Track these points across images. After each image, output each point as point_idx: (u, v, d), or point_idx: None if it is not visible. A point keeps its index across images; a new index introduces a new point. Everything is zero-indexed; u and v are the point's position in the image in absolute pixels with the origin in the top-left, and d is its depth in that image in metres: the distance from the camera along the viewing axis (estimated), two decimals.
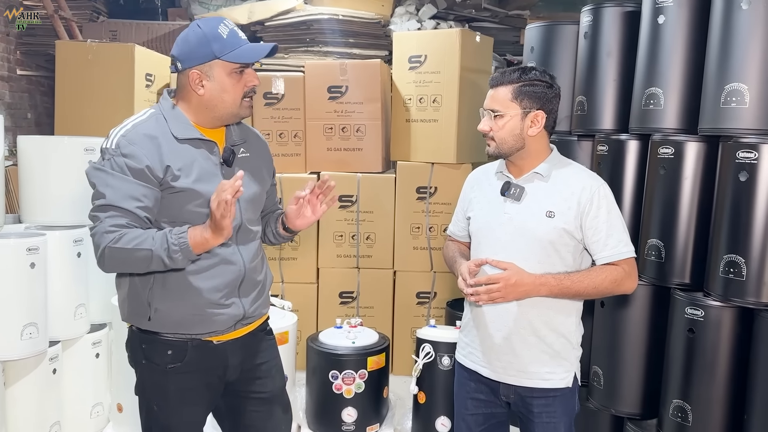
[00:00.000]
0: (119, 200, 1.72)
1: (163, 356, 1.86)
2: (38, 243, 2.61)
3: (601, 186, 1.98)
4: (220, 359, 1.92)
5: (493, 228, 2.01)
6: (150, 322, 1.85)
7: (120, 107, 3.54)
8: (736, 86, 2.15)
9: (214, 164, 1.85)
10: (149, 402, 1.93)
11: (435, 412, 2.98)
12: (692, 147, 2.34)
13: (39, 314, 2.62)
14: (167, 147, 1.78)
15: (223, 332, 1.90)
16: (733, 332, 2.22)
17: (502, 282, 1.89)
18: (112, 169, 1.74)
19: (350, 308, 3.91)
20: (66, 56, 3.57)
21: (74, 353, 2.96)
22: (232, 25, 1.82)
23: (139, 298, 1.85)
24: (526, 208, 1.97)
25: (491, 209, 2.04)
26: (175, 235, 1.70)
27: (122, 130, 1.79)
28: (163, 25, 4.63)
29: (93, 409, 3.04)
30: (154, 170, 1.75)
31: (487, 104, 1.99)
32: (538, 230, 1.94)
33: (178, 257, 1.70)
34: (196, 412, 1.94)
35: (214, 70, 1.80)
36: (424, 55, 3.75)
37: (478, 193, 2.13)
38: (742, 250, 2.15)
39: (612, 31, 2.66)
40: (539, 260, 1.95)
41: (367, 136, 3.83)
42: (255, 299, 1.96)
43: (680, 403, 2.31)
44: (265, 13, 4.53)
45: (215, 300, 1.85)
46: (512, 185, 2.00)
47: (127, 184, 1.73)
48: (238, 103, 1.84)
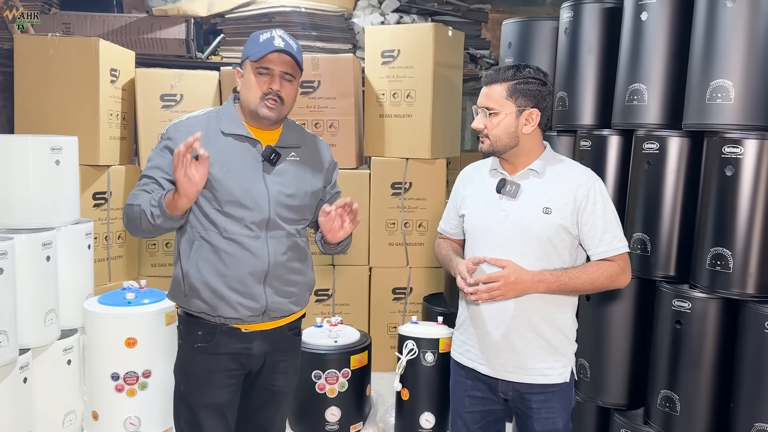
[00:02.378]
0: (149, 170, 1.98)
1: (194, 336, 2.03)
2: (6, 247, 2.48)
3: (597, 182, 2.00)
4: (246, 346, 2.04)
5: (489, 225, 2.01)
6: (186, 298, 2.02)
7: (83, 103, 3.42)
8: (721, 82, 2.20)
9: (255, 161, 2.00)
10: (179, 382, 2.09)
11: (419, 408, 2.99)
12: (676, 142, 2.39)
13: (8, 322, 2.50)
14: (209, 137, 1.96)
15: (248, 321, 2.01)
16: (720, 323, 2.28)
17: (502, 280, 1.89)
18: (157, 148, 2.01)
19: (326, 306, 3.87)
20: (25, 50, 3.39)
21: (45, 360, 2.84)
22: (277, 34, 1.97)
23: (177, 279, 2.03)
24: (522, 205, 1.98)
25: (487, 207, 2.03)
26: (157, 194, 1.90)
27: (177, 120, 2.04)
28: (119, 18, 4.46)
29: (66, 417, 2.93)
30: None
31: (482, 102, 1.99)
32: (535, 227, 1.95)
33: (157, 212, 1.87)
34: (218, 395, 2.04)
35: (246, 68, 2.00)
36: (397, 49, 3.73)
37: (471, 190, 2.12)
38: (728, 243, 2.20)
39: (592, 27, 2.69)
40: (537, 257, 1.96)
41: (341, 132, 3.78)
42: (283, 295, 2.05)
43: (668, 393, 2.37)
44: (225, 5, 4.43)
45: (237, 286, 1.97)
46: (508, 182, 2.00)
47: (161, 159, 1.98)
48: (258, 102, 1.97)
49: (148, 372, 2.80)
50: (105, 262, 3.60)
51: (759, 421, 2.13)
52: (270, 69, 1.96)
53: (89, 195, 3.48)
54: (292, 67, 1.99)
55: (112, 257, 3.64)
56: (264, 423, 2.21)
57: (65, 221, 2.95)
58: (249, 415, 2.17)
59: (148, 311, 2.81)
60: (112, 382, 2.78)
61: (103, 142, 3.49)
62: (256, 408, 2.17)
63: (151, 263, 3.90)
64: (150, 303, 2.84)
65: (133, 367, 2.78)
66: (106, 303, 2.85)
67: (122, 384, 2.77)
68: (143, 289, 2.94)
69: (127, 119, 3.78)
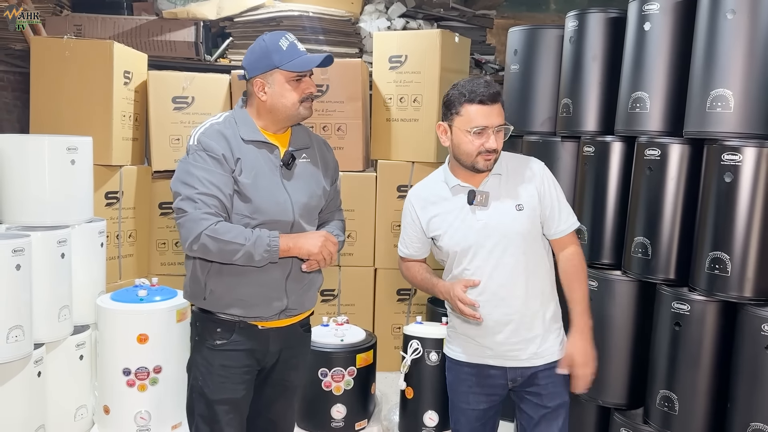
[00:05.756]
0: (208, 189, 1.93)
1: (213, 333, 2.07)
2: (23, 244, 2.55)
3: (543, 165, 2.13)
4: (262, 343, 2.11)
5: (472, 240, 2.06)
6: (205, 301, 2.06)
7: (97, 104, 3.48)
8: (721, 92, 2.26)
9: (274, 166, 2.06)
10: (195, 378, 2.12)
11: (423, 406, 3.04)
12: (677, 149, 2.45)
13: (24, 317, 2.56)
14: (235, 143, 2.01)
15: (267, 319, 2.09)
16: (718, 325, 2.34)
17: (587, 366, 2.09)
18: (196, 162, 1.97)
19: (332, 306, 3.94)
20: (41, 52, 3.46)
21: (58, 355, 2.90)
22: (292, 38, 2.04)
23: (198, 280, 2.06)
24: (495, 209, 2.06)
25: (463, 222, 2.07)
26: (268, 237, 1.94)
27: (201, 128, 2.03)
28: (130, 20, 4.53)
29: (77, 411, 2.99)
30: (228, 159, 1.98)
31: (496, 121, 1.99)
32: (515, 225, 2.04)
33: (266, 256, 1.94)
34: (236, 390, 2.10)
35: (275, 78, 2.02)
36: (404, 55, 3.80)
37: (436, 210, 2.12)
38: (726, 247, 2.27)
39: (597, 36, 2.76)
40: (524, 251, 2.05)
41: (348, 135, 3.85)
42: (300, 294, 2.13)
43: (667, 393, 2.43)
44: (234, 8, 4.49)
45: (262, 290, 2.04)
46: (477, 193, 2.06)
47: (211, 174, 1.95)
48: (297, 106, 2.04)
49: (159, 368, 2.86)
50: (116, 260, 3.66)
51: (755, 420, 2.19)
52: (303, 74, 2.03)
53: (101, 194, 3.54)
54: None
55: (123, 256, 3.71)
56: (275, 418, 2.28)
57: (79, 220, 3.01)
58: (260, 411, 2.23)
59: (160, 308, 2.88)
60: (124, 377, 2.84)
61: (116, 143, 3.55)
62: (268, 403, 2.24)
63: (161, 262, 3.97)
64: (162, 300, 2.91)
65: (144, 363, 2.84)
66: (118, 300, 2.92)
67: (133, 379, 2.84)
68: (155, 287, 3.01)
69: (139, 120, 3.85)
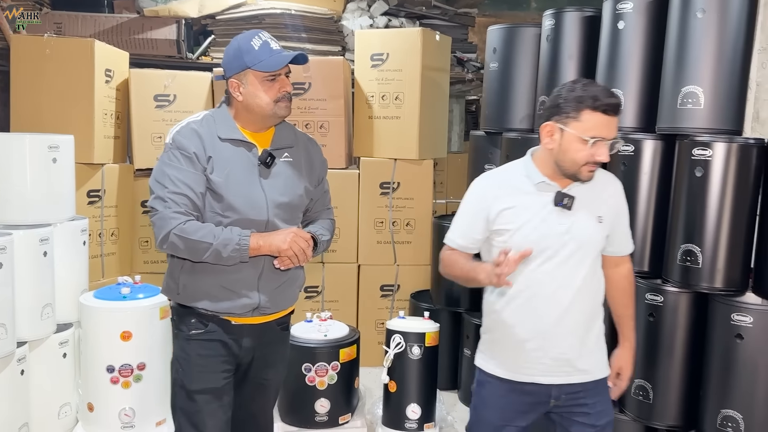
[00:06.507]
0: (178, 188, 1.95)
1: (188, 324, 2.10)
2: (5, 243, 2.56)
3: (621, 185, 2.07)
4: (236, 338, 2.13)
5: (549, 241, 1.92)
6: (179, 296, 2.10)
7: (79, 103, 3.48)
8: (691, 89, 2.33)
9: (252, 164, 2.05)
10: (176, 371, 2.15)
11: (406, 399, 3.08)
12: (650, 145, 2.51)
13: (7, 315, 2.57)
14: (209, 142, 2.02)
15: (239, 315, 2.10)
16: (690, 316, 2.41)
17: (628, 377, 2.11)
18: (170, 160, 1.98)
19: (315, 302, 3.97)
20: (22, 50, 3.45)
21: (41, 354, 2.91)
22: (266, 37, 2.04)
23: (173, 276, 2.10)
24: (579, 216, 1.93)
25: (543, 221, 1.92)
26: (237, 236, 1.93)
27: (178, 127, 2.05)
28: (111, 18, 4.52)
29: (61, 409, 3.00)
30: (200, 157, 1.98)
31: (613, 133, 1.87)
32: (594, 237, 1.95)
33: (235, 255, 1.94)
34: (216, 380, 2.11)
35: (248, 78, 2.02)
36: (386, 53, 3.84)
37: (511, 202, 1.95)
38: (697, 240, 2.34)
39: (573, 34, 2.82)
40: (592, 264, 1.96)
41: (331, 133, 3.89)
42: (276, 293, 2.12)
43: (642, 382, 2.49)
44: (215, 6, 4.50)
45: (233, 287, 2.05)
46: (565, 195, 1.92)
47: (182, 173, 1.96)
48: (272, 106, 2.03)
49: (143, 365, 2.88)
50: (98, 258, 3.67)
51: (726, 407, 2.26)
52: (277, 74, 2.02)
53: (84, 193, 3.55)
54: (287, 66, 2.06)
55: (106, 254, 3.71)
56: (255, 411, 2.31)
57: (62, 218, 3.02)
58: (241, 404, 2.26)
59: (143, 305, 2.89)
60: (108, 374, 2.85)
61: (98, 141, 3.56)
62: (248, 399, 2.26)
63: (144, 260, 3.98)
64: (145, 297, 2.92)
65: (128, 360, 2.86)
66: (102, 297, 2.93)
67: (117, 376, 2.85)
68: (138, 284, 3.02)
69: (120, 118, 3.85)
